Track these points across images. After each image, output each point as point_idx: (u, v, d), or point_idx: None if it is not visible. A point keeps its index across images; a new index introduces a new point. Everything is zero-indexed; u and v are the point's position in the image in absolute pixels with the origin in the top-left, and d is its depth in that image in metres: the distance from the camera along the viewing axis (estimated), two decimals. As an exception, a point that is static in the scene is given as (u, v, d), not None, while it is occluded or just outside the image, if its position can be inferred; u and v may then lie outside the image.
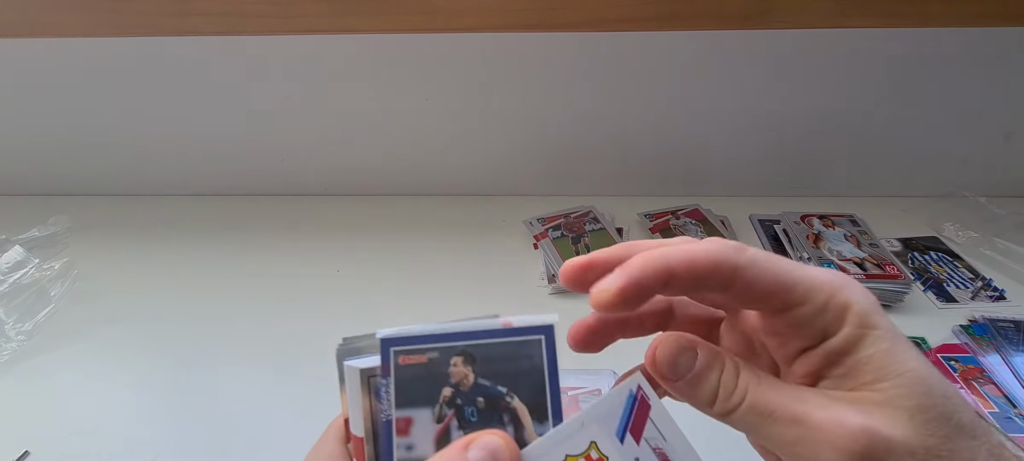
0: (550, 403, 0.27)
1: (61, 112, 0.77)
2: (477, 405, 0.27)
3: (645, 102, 0.74)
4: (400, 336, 0.27)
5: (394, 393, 0.27)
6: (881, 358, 0.23)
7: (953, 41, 0.67)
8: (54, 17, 0.64)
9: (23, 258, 0.67)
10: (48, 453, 0.49)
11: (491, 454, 0.24)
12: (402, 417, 0.27)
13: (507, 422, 0.27)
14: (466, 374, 0.27)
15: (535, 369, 0.27)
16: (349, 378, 0.27)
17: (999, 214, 0.75)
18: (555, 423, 0.27)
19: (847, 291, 0.24)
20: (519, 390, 0.27)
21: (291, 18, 0.63)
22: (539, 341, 0.28)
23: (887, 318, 0.24)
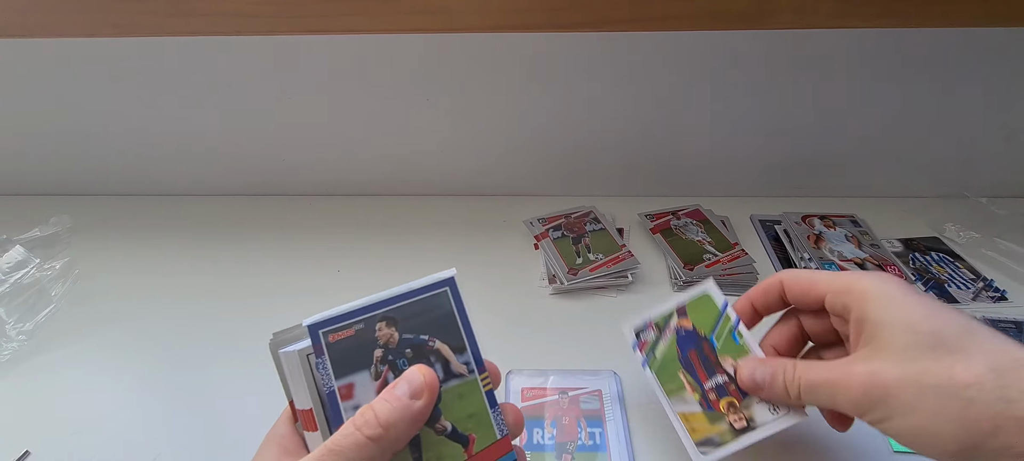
0: (465, 336, 0.33)
1: (62, 112, 0.77)
2: (406, 355, 0.32)
3: (646, 102, 0.74)
4: (324, 319, 0.32)
5: (331, 367, 0.31)
6: (881, 315, 0.32)
7: (954, 41, 0.67)
8: (54, 17, 0.64)
9: (24, 258, 0.67)
10: (48, 453, 0.49)
11: (408, 381, 0.30)
12: (343, 384, 0.31)
13: (434, 362, 0.32)
14: (391, 334, 0.32)
15: (447, 314, 0.33)
16: (288, 362, 0.32)
17: (1000, 215, 0.74)
18: (472, 350, 0.33)
19: (863, 279, 0.35)
20: (438, 334, 0.33)
21: (292, 18, 0.63)
22: (445, 291, 0.34)
23: (900, 288, 0.33)
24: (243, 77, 0.73)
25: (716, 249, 0.68)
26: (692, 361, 0.44)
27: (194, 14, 0.63)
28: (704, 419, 0.42)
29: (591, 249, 0.69)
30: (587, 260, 0.68)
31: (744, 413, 0.41)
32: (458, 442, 0.31)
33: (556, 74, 0.72)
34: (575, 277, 0.65)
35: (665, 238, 0.72)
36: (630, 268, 0.66)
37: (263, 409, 0.53)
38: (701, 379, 0.43)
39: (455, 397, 0.32)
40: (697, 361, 0.44)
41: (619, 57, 0.70)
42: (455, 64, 0.71)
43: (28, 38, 0.69)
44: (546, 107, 0.75)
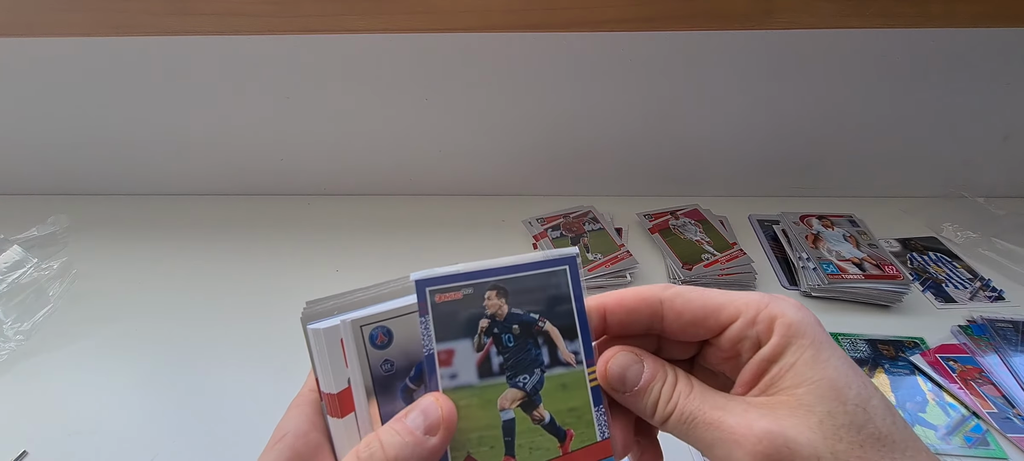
0: (578, 323, 0.30)
1: (60, 111, 0.77)
2: (512, 331, 0.30)
3: (645, 102, 0.74)
4: (434, 276, 0.29)
5: (433, 328, 0.29)
6: (802, 365, 0.24)
7: (952, 42, 0.67)
8: (53, 17, 0.64)
9: (22, 258, 0.67)
10: (46, 453, 0.49)
11: (423, 413, 0.26)
12: (443, 349, 0.28)
13: (541, 344, 0.30)
14: (500, 305, 0.30)
15: (562, 295, 0.30)
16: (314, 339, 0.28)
17: (998, 215, 0.75)
18: (584, 339, 0.30)
19: (777, 305, 0.26)
20: (550, 315, 0.30)
21: (290, 18, 0.63)
22: (564, 270, 0.31)
23: (818, 328, 0.25)
24: (241, 77, 0.73)
25: (714, 249, 0.69)
26: None
27: (192, 14, 0.63)
28: None
29: (590, 249, 0.69)
30: (586, 260, 0.68)
31: None
32: (554, 435, 0.29)
33: (555, 74, 0.72)
34: (574, 277, 0.65)
35: (664, 238, 0.72)
36: (629, 268, 0.66)
37: (261, 408, 0.53)
38: None
39: (557, 387, 0.29)
40: None
41: (618, 57, 0.70)
42: (454, 64, 0.71)
43: (26, 37, 0.69)
44: (545, 107, 0.75)
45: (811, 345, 0.25)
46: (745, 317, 0.26)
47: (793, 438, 0.23)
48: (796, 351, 0.25)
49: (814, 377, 0.24)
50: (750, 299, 0.26)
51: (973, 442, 0.48)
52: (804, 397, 0.24)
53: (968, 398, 0.52)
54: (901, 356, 0.57)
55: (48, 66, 0.73)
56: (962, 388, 0.53)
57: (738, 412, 0.25)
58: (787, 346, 0.25)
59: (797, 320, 0.25)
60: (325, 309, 0.29)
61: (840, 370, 0.24)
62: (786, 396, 0.24)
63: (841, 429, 0.23)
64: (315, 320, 0.29)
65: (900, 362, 0.56)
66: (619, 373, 0.28)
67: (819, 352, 0.24)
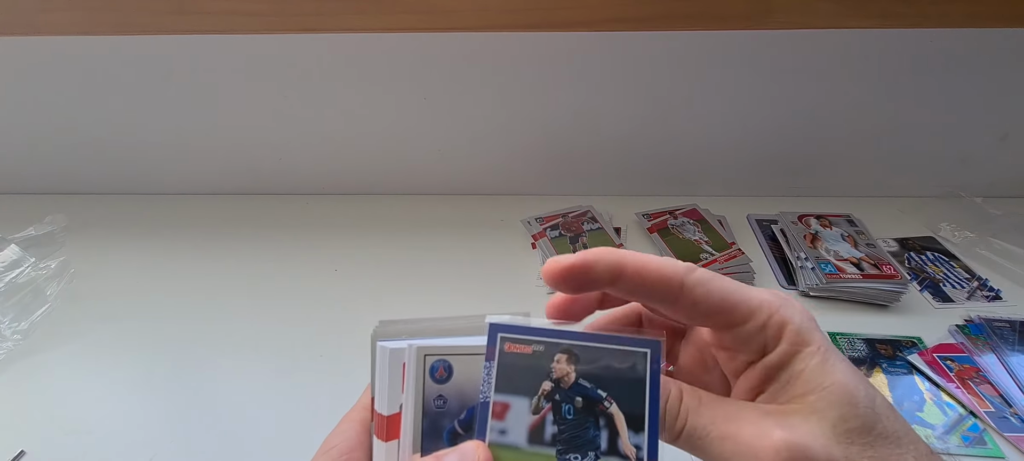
0: (648, 416, 0.27)
1: (57, 110, 0.77)
2: (574, 404, 0.28)
3: (643, 102, 0.74)
4: (509, 324, 0.28)
5: (495, 377, 0.27)
6: (811, 372, 0.24)
7: (950, 42, 0.67)
8: (51, 15, 0.64)
9: (19, 257, 0.66)
10: (44, 453, 0.49)
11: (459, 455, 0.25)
12: (500, 402, 0.27)
13: (602, 426, 0.27)
14: (568, 372, 0.28)
15: (637, 380, 0.28)
16: (381, 357, 0.28)
17: (995, 214, 0.75)
18: (650, 437, 0.27)
19: (786, 310, 0.25)
20: (619, 397, 0.28)
21: (288, 17, 0.63)
22: (645, 354, 0.28)
23: (823, 335, 0.26)
24: (240, 76, 0.73)
25: (713, 248, 0.69)
26: None
27: (191, 13, 0.63)
28: None
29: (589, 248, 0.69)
30: (585, 259, 0.68)
31: None
32: None
33: (554, 73, 0.72)
34: (573, 276, 0.65)
35: (662, 237, 0.72)
36: (627, 267, 0.66)
37: (259, 408, 0.53)
38: None
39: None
40: None
41: (617, 57, 0.70)
42: (452, 63, 0.71)
43: (23, 36, 0.69)
44: (544, 106, 0.75)
45: (818, 352, 0.25)
46: (756, 320, 0.26)
47: (809, 445, 0.23)
48: (804, 358, 0.25)
49: (825, 383, 0.24)
50: (763, 300, 0.26)
51: (970, 441, 0.49)
52: (816, 404, 0.24)
53: (965, 397, 0.52)
54: (899, 355, 0.57)
55: (46, 65, 0.73)
56: (959, 387, 0.53)
57: (752, 421, 0.24)
58: (795, 354, 0.25)
59: (805, 328, 0.25)
60: (396, 331, 0.29)
61: (847, 374, 0.24)
62: (798, 404, 0.24)
63: (853, 433, 0.23)
64: (386, 339, 0.28)
65: (898, 361, 0.56)
66: None
67: (826, 359, 0.25)
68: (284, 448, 0.49)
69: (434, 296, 0.65)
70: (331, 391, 0.54)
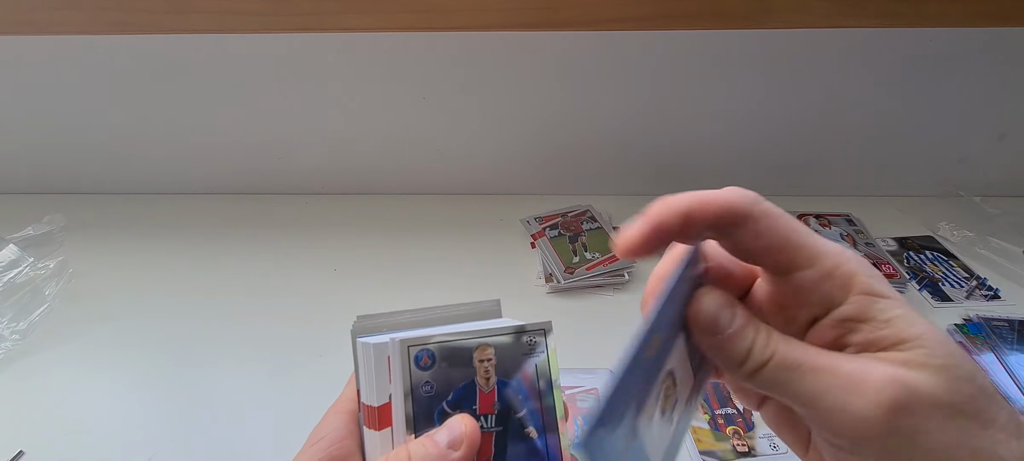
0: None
1: (56, 110, 0.77)
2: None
3: (643, 101, 0.74)
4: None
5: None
6: (899, 323, 0.23)
7: (949, 41, 0.68)
8: (49, 14, 0.63)
9: (17, 257, 0.66)
10: (43, 453, 0.49)
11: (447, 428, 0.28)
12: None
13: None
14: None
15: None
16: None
17: (993, 214, 0.75)
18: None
19: (854, 262, 0.24)
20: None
21: (287, 16, 0.63)
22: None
23: (893, 289, 0.24)
24: (238, 75, 0.73)
25: (712, 248, 0.69)
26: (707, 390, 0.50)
27: (190, 12, 0.63)
28: (710, 435, 0.46)
29: (588, 248, 0.70)
30: (584, 259, 0.68)
31: (747, 442, 0.44)
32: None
33: (552, 73, 0.72)
34: (572, 276, 0.65)
35: (661, 237, 0.72)
36: (627, 267, 0.66)
37: (258, 407, 0.53)
38: (713, 406, 0.49)
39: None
40: (711, 390, 0.50)
41: (615, 56, 0.70)
42: (451, 63, 0.71)
43: (21, 35, 0.69)
44: (543, 106, 0.75)
45: (899, 304, 0.23)
46: (820, 266, 0.24)
47: (917, 385, 0.21)
48: (887, 309, 0.23)
49: (918, 334, 0.22)
50: (829, 249, 0.24)
51: (969, 440, 0.49)
52: (915, 351, 0.22)
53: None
54: (898, 355, 0.57)
55: (44, 64, 0.72)
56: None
57: (850, 359, 0.22)
58: (872, 305, 0.23)
59: (878, 280, 0.24)
60: (375, 325, 0.31)
61: (935, 329, 0.23)
62: (895, 352, 0.22)
63: (959, 380, 0.22)
64: (365, 334, 0.31)
65: (897, 361, 0.56)
66: (712, 314, 0.25)
67: (909, 311, 0.23)
68: (283, 448, 0.49)
69: (433, 296, 0.65)
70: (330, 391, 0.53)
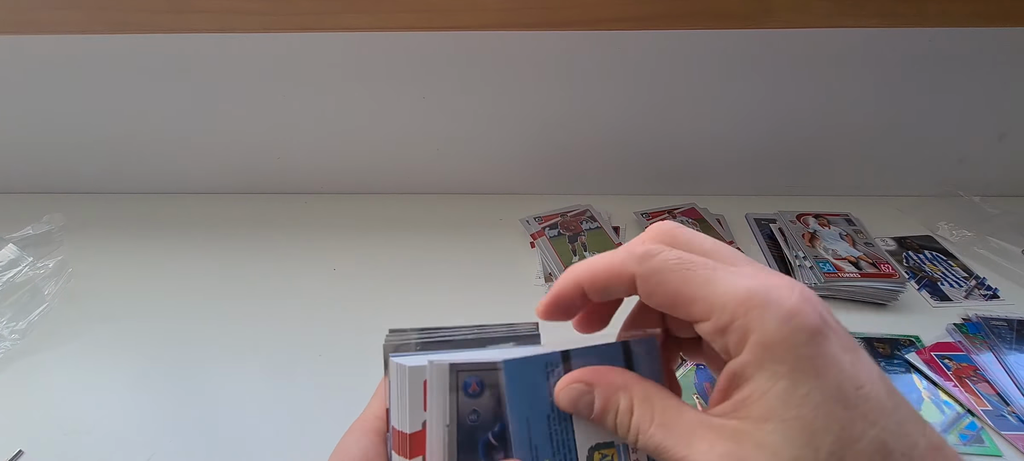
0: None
1: (55, 109, 0.76)
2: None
3: (642, 101, 0.74)
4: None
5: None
6: (772, 398, 0.21)
7: (949, 41, 0.68)
8: (48, 13, 0.63)
9: (16, 256, 0.66)
10: (42, 453, 0.49)
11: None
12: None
13: None
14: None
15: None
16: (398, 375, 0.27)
17: (993, 213, 0.75)
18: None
19: (752, 317, 0.22)
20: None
21: (286, 16, 0.63)
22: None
23: (805, 349, 0.21)
24: (238, 75, 0.73)
25: (712, 248, 0.69)
26: (705, 389, 0.50)
27: (188, 11, 0.63)
28: None
29: (587, 248, 0.69)
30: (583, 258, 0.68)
31: None
32: None
33: (552, 72, 0.72)
34: (571, 275, 0.65)
35: (661, 237, 0.72)
36: (626, 266, 0.66)
37: (258, 407, 0.53)
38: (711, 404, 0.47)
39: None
40: (709, 389, 0.50)
41: (615, 56, 0.70)
42: (451, 62, 0.71)
43: (21, 34, 0.69)
44: (542, 105, 0.75)
45: (788, 374, 0.21)
46: (716, 321, 0.23)
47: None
48: (769, 379, 0.21)
49: (785, 415, 0.21)
50: (729, 300, 0.22)
51: (968, 440, 0.49)
52: (771, 436, 0.21)
53: (963, 396, 0.52)
54: (897, 354, 0.57)
55: (43, 63, 0.72)
56: (957, 386, 0.53)
57: (704, 448, 0.22)
58: (759, 369, 0.22)
59: (775, 340, 0.21)
60: (406, 341, 0.29)
61: (820, 409, 0.20)
62: (754, 429, 0.21)
63: None
64: (399, 353, 0.28)
65: (896, 360, 0.56)
66: (569, 404, 0.26)
67: (796, 385, 0.21)
68: (282, 447, 0.49)
69: (433, 296, 0.65)
70: (329, 390, 0.54)
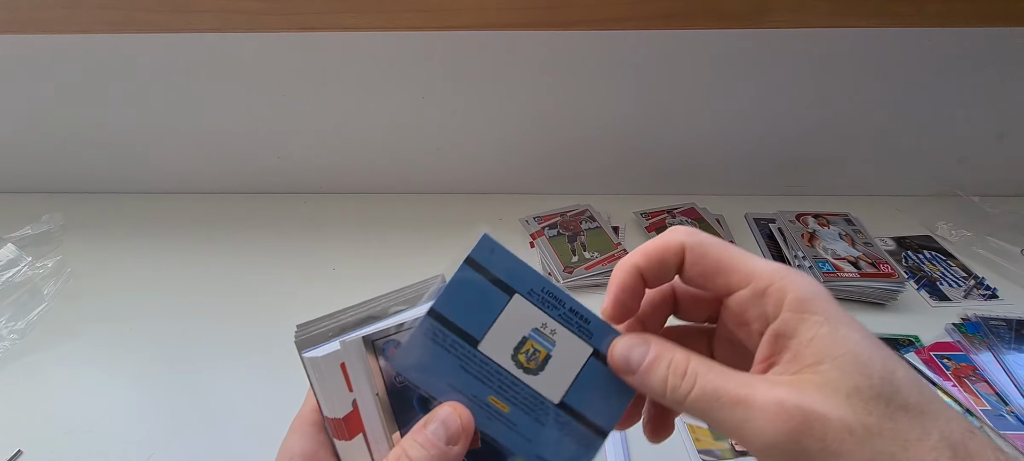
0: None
1: (54, 109, 0.76)
2: None
3: (641, 101, 0.74)
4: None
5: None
6: (820, 341, 0.24)
7: (947, 41, 0.68)
8: (48, 13, 0.63)
9: (16, 256, 0.66)
10: (41, 452, 0.49)
11: (444, 424, 0.27)
12: None
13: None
14: None
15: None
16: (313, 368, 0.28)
17: (992, 213, 0.75)
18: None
19: (787, 279, 0.25)
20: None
21: (286, 16, 0.63)
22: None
23: (831, 303, 0.25)
24: (238, 75, 0.73)
25: (711, 247, 0.69)
26: None
27: (189, 11, 0.63)
28: (709, 433, 0.45)
29: (587, 247, 0.70)
30: (583, 258, 0.68)
31: None
32: None
33: (552, 72, 0.72)
34: (571, 275, 0.65)
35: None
36: (625, 266, 0.66)
37: (257, 407, 0.53)
38: None
39: None
40: None
41: (614, 56, 0.70)
42: (451, 62, 0.71)
43: (20, 34, 0.69)
44: (542, 105, 0.75)
45: (826, 321, 0.24)
46: (754, 287, 0.26)
47: (823, 413, 0.23)
48: (811, 327, 0.24)
49: (835, 353, 0.23)
50: (764, 269, 0.26)
51: (967, 439, 0.49)
52: (828, 373, 0.23)
53: (962, 396, 0.52)
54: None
55: (43, 63, 0.72)
56: (956, 386, 0.53)
57: (764, 389, 0.24)
58: (800, 322, 0.24)
59: (808, 296, 0.25)
60: (320, 332, 0.29)
61: (861, 344, 0.24)
62: (810, 373, 0.24)
63: (870, 402, 0.23)
64: (311, 346, 0.28)
65: (895, 360, 0.56)
66: (624, 355, 0.27)
67: (836, 328, 0.24)
68: (282, 447, 0.49)
69: (432, 295, 0.65)
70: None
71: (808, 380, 0.23)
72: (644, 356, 0.27)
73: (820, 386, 0.23)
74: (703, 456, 0.44)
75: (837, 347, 0.23)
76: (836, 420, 0.22)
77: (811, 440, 0.22)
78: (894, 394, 0.23)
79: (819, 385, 0.23)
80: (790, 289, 0.25)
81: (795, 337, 0.24)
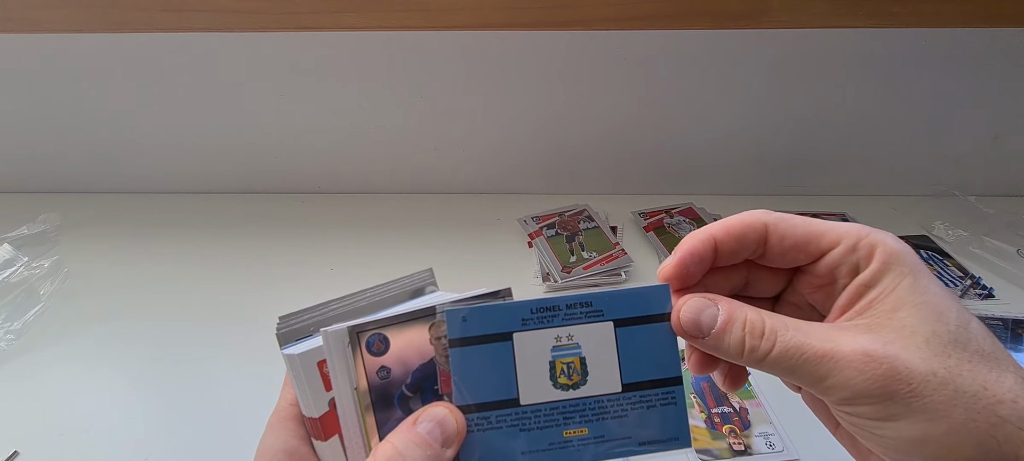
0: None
1: (51, 108, 0.76)
2: None
3: (639, 101, 0.74)
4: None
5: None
6: (902, 291, 0.25)
7: (944, 41, 0.68)
8: (44, 12, 0.63)
9: (12, 256, 0.66)
10: (38, 453, 0.49)
11: (438, 424, 0.26)
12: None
13: None
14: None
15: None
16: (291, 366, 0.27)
17: (988, 213, 0.75)
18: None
19: (876, 235, 0.27)
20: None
21: (284, 15, 0.63)
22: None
23: (915, 257, 0.26)
24: (235, 74, 0.73)
25: (709, 247, 0.69)
26: (703, 389, 0.51)
27: (186, 10, 0.63)
28: (706, 433, 0.46)
29: (585, 247, 0.70)
30: (581, 258, 0.68)
31: (743, 440, 0.45)
32: None
33: (550, 72, 0.72)
34: (569, 275, 0.65)
35: (658, 236, 0.72)
36: (623, 266, 0.66)
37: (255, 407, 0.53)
38: (709, 404, 0.49)
39: None
40: (708, 390, 0.51)
41: (613, 56, 0.70)
42: (449, 62, 0.71)
43: (17, 33, 0.68)
44: (540, 105, 0.75)
45: (910, 272, 0.25)
46: (846, 243, 0.27)
47: (907, 359, 0.23)
48: (895, 277, 0.25)
49: (915, 301, 0.25)
50: (850, 228, 0.27)
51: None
52: (906, 319, 0.24)
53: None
54: (893, 353, 0.57)
55: (39, 62, 0.72)
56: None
57: (846, 340, 0.24)
58: (886, 272, 0.26)
59: (897, 248, 0.26)
60: (304, 325, 0.28)
61: (939, 296, 0.25)
62: (888, 319, 0.25)
63: (948, 346, 0.24)
64: (291, 341, 0.28)
65: (892, 359, 0.57)
66: (692, 318, 0.27)
67: (918, 279, 0.25)
68: (280, 447, 0.49)
69: (430, 295, 0.65)
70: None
71: (884, 326, 0.25)
72: (715, 317, 0.26)
73: (899, 332, 0.24)
74: (702, 456, 0.44)
75: (916, 296, 0.25)
76: (920, 363, 0.23)
77: (899, 384, 0.23)
78: (969, 340, 0.24)
79: (897, 331, 0.24)
80: (879, 243, 0.26)
81: (878, 286, 0.26)
